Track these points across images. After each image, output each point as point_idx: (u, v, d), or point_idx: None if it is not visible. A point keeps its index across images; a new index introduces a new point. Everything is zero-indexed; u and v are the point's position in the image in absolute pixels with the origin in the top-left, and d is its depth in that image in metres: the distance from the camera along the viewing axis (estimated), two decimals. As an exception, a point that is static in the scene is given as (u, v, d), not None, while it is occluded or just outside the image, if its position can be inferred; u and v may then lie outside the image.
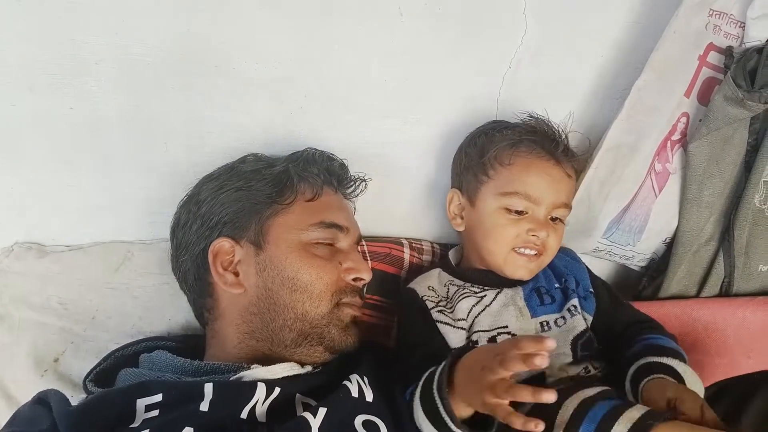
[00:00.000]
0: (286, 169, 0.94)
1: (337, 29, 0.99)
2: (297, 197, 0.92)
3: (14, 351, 1.00)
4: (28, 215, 1.05)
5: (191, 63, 0.96)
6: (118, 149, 1.01)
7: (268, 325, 0.88)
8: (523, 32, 1.04)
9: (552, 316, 0.94)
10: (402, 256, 1.13)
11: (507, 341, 0.69)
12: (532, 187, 0.94)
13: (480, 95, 1.08)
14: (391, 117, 1.08)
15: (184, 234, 0.93)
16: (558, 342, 0.90)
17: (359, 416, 0.79)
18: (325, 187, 0.96)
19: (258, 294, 0.88)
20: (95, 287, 1.05)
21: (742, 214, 1.08)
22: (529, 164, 0.95)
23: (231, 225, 0.90)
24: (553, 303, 0.95)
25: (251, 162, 0.97)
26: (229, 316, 0.90)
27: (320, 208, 0.93)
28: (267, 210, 0.91)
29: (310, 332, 0.88)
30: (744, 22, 0.99)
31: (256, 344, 0.88)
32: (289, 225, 0.90)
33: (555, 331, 0.92)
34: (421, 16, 1.00)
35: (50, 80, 0.93)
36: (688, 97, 1.05)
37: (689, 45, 1.02)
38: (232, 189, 0.92)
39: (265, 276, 0.88)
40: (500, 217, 0.95)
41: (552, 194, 0.95)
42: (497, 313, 0.93)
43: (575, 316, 0.93)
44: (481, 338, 0.91)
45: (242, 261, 0.89)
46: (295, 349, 0.88)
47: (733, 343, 1.08)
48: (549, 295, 0.96)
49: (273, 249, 0.89)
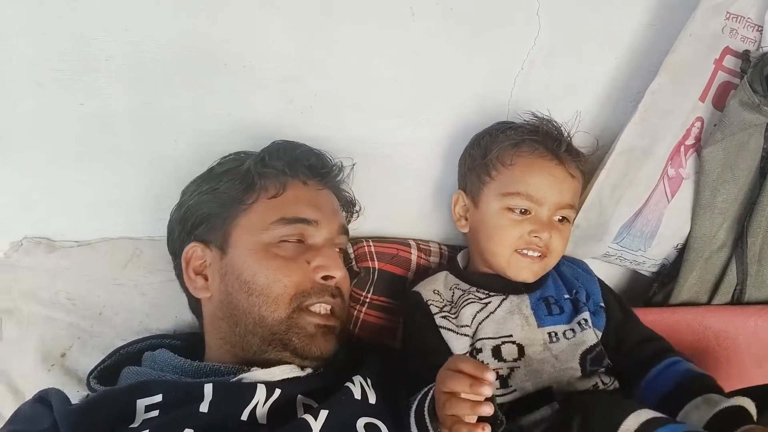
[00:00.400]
0: (248, 167, 0.91)
1: (348, 29, 0.98)
2: (260, 196, 0.89)
3: (22, 345, 1.01)
4: (38, 210, 1.05)
5: (201, 61, 0.96)
6: (128, 146, 1.02)
7: (233, 330, 0.87)
8: (536, 33, 1.03)
9: (560, 327, 0.92)
10: (409, 257, 1.12)
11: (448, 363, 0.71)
12: (534, 188, 0.93)
13: (491, 96, 1.07)
14: (401, 117, 1.07)
15: (171, 239, 0.95)
16: (567, 355, 0.89)
17: (361, 418, 0.78)
18: (290, 180, 0.91)
19: (221, 299, 0.88)
20: (103, 283, 1.05)
21: (756, 221, 1.06)
22: (531, 164, 0.94)
23: (203, 228, 0.90)
24: (562, 314, 0.94)
25: (228, 161, 0.95)
26: (206, 320, 0.91)
27: (283, 204, 0.89)
28: (232, 212, 0.89)
29: (272, 338, 0.85)
30: (761, 26, 0.98)
31: (232, 349, 0.88)
32: (250, 226, 0.88)
33: (563, 343, 0.90)
34: (433, 16, 0.99)
35: (60, 76, 0.93)
36: (703, 101, 1.04)
37: (705, 48, 1.01)
38: (204, 191, 0.91)
39: (227, 281, 0.87)
40: (503, 218, 0.94)
41: (555, 194, 0.93)
42: (502, 321, 0.92)
43: (585, 330, 0.92)
44: (485, 346, 0.90)
45: (211, 265, 0.89)
46: (263, 354, 0.86)
47: (744, 353, 1.07)
48: (558, 305, 0.94)
49: (233, 252, 0.88)
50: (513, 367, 0.88)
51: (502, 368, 0.88)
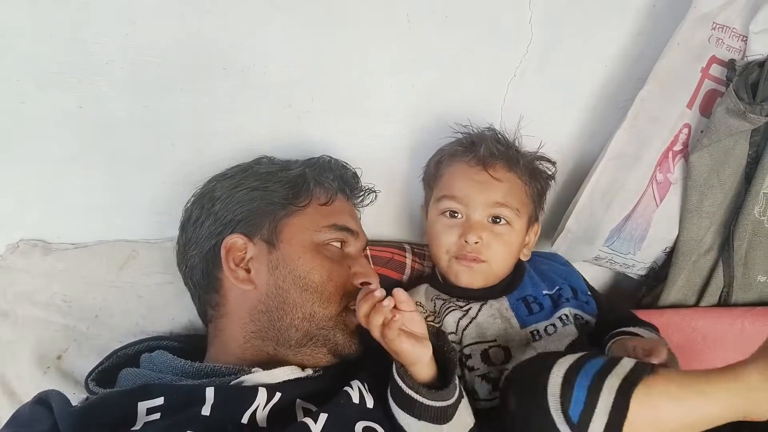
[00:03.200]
0: (303, 173, 0.96)
1: (345, 35, 1.00)
2: (312, 200, 0.93)
3: (17, 348, 1.00)
4: (34, 212, 1.05)
5: (200, 65, 0.97)
6: (126, 149, 1.02)
7: (275, 323, 0.88)
8: (529, 41, 1.05)
9: (542, 324, 0.93)
10: (404, 261, 1.13)
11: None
12: (458, 189, 0.97)
13: (485, 102, 1.09)
14: (397, 123, 1.09)
15: (195, 230, 0.94)
16: (551, 349, 0.90)
17: (360, 422, 0.79)
18: (338, 193, 0.98)
19: (268, 292, 0.89)
20: (99, 285, 1.05)
21: (742, 225, 1.09)
22: (456, 170, 0.99)
23: (245, 223, 0.91)
24: (542, 311, 0.95)
25: (266, 164, 0.98)
26: (237, 313, 0.90)
27: (333, 212, 0.95)
28: (282, 211, 0.92)
29: (316, 333, 0.88)
30: (746, 36, 1.01)
31: (261, 344, 0.88)
32: (302, 225, 0.91)
33: (546, 340, 0.91)
34: (429, 24, 1.01)
35: (60, 79, 0.94)
36: (691, 108, 1.06)
37: (692, 57, 1.04)
38: (247, 188, 0.93)
39: (277, 274, 0.89)
40: (438, 223, 0.99)
41: (479, 194, 0.96)
42: (485, 326, 0.93)
43: (567, 326, 0.93)
44: (474, 351, 0.91)
45: (254, 258, 0.90)
46: (299, 349, 0.88)
47: (731, 353, 1.08)
48: (537, 303, 0.96)
49: (286, 248, 0.90)
50: (502, 369, 0.88)
51: (492, 371, 0.89)
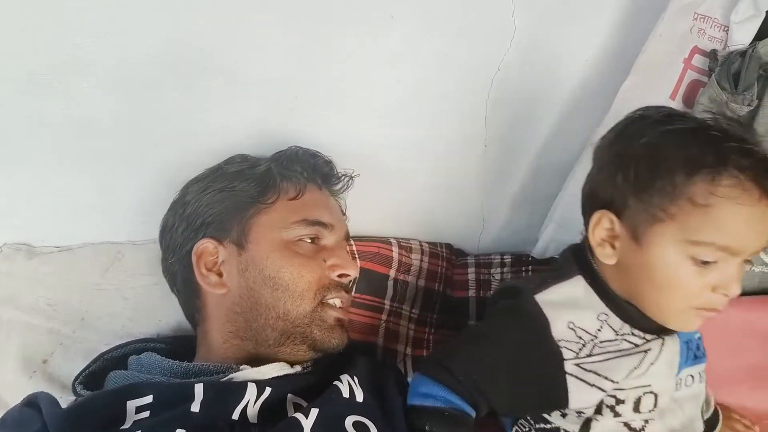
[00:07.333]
0: (269, 169, 0.94)
1: (328, 32, 0.99)
2: (280, 196, 0.92)
3: (2, 352, 0.99)
4: (18, 216, 1.04)
5: (183, 64, 0.96)
6: (110, 150, 1.01)
7: (251, 324, 0.88)
8: (512, 35, 1.05)
9: (686, 370, 0.79)
10: (390, 254, 1.13)
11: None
12: (736, 237, 0.68)
13: (470, 97, 1.09)
14: (382, 119, 1.09)
15: (171, 236, 0.94)
16: (691, 407, 0.79)
17: (350, 417, 0.79)
18: (308, 184, 0.96)
19: (241, 294, 0.88)
20: (85, 288, 1.04)
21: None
22: (735, 207, 0.67)
23: (215, 226, 0.91)
24: (697, 357, 0.81)
25: (236, 163, 0.97)
26: (215, 316, 0.90)
27: (303, 206, 0.93)
28: (249, 210, 0.91)
29: (293, 331, 0.88)
30: (728, 26, 1.01)
31: (241, 343, 0.88)
32: (271, 224, 0.90)
33: (685, 391, 0.78)
34: (412, 19, 1.00)
35: (42, 80, 0.92)
36: (674, 99, 1.06)
37: (674, 48, 1.04)
38: (215, 190, 0.92)
39: (247, 276, 0.88)
40: (681, 269, 0.70)
41: (756, 241, 0.70)
42: (652, 371, 0.75)
43: (702, 383, 0.82)
44: (628, 397, 0.74)
45: (225, 261, 0.90)
46: (278, 348, 0.88)
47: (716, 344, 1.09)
48: (696, 345, 0.82)
49: (254, 248, 0.89)
50: (648, 419, 0.75)
51: (635, 420, 0.75)
